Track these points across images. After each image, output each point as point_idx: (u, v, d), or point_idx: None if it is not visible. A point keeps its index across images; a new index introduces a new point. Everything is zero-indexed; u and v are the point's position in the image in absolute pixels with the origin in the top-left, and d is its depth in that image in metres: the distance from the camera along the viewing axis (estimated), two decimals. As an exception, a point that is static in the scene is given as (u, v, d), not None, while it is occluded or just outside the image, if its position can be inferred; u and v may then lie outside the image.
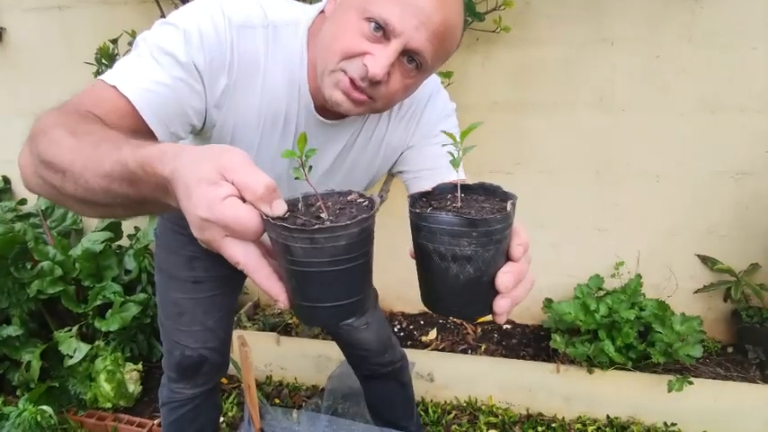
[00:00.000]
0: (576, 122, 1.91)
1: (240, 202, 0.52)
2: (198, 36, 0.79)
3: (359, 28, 0.76)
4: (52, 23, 2.24)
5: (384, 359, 1.47)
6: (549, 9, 1.81)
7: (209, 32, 0.80)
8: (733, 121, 1.81)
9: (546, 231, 2.07)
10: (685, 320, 1.77)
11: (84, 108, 0.73)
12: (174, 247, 1.21)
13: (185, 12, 0.81)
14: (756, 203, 1.87)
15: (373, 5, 0.75)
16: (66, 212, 2.38)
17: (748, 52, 1.73)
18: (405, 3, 0.74)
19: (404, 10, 0.75)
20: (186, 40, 0.78)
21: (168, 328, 1.27)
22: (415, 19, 0.75)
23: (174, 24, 0.79)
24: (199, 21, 0.79)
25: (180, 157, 0.54)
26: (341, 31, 0.78)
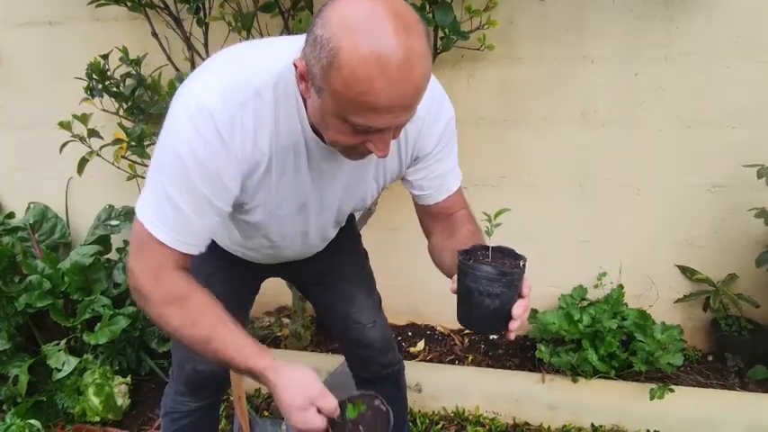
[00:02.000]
0: (559, 137, 1.97)
1: (318, 416, 0.89)
2: (211, 170, 0.87)
3: (346, 129, 0.81)
4: (43, 39, 2.26)
5: (386, 359, 1.50)
6: (531, 28, 1.87)
7: (212, 154, 0.86)
8: (709, 137, 1.88)
9: (531, 243, 2.09)
10: (666, 329, 1.82)
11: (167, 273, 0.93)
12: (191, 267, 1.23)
13: (181, 142, 0.85)
14: (732, 216, 1.93)
15: (350, 117, 0.78)
16: (54, 226, 2.39)
17: (721, 70, 1.80)
18: (377, 108, 0.76)
19: (379, 114, 0.77)
20: (202, 177, 0.87)
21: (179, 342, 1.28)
22: (393, 113, 0.78)
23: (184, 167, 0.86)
24: (197, 146, 0.85)
25: (278, 379, 0.90)
26: (332, 130, 0.83)
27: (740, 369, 1.94)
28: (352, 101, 0.76)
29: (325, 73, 0.76)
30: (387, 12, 0.74)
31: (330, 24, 0.75)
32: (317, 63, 0.76)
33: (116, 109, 2.05)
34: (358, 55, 0.73)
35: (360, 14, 0.74)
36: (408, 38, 0.74)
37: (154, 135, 1.98)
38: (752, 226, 1.88)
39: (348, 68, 0.73)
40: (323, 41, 0.75)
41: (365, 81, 0.73)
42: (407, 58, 0.73)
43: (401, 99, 0.77)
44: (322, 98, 0.80)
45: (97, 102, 2.00)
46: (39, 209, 2.39)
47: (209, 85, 0.87)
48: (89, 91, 1.98)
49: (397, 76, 0.74)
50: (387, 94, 0.75)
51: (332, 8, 0.77)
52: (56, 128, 1.97)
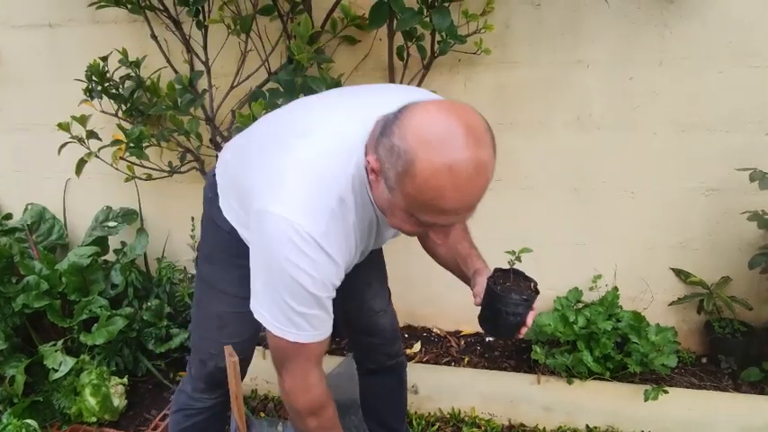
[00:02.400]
0: (554, 141, 1.99)
1: None
2: (328, 280, 0.99)
3: (412, 221, 0.91)
4: (43, 41, 2.27)
5: (393, 349, 1.56)
6: (527, 33, 1.89)
7: (320, 268, 0.96)
8: (702, 140, 1.90)
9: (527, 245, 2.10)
10: (660, 331, 1.84)
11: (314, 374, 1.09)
12: (227, 266, 1.25)
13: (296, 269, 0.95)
14: (726, 219, 1.95)
15: (418, 215, 0.88)
16: (51, 227, 2.39)
17: (714, 75, 1.82)
18: (444, 211, 0.85)
19: (446, 215, 0.86)
20: (318, 287, 0.98)
21: (205, 339, 1.30)
22: (458, 214, 0.87)
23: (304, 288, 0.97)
24: (311, 270, 0.95)
25: None
26: (397, 219, 0.93)
27: (734, 371, 1.96)
28: (422, 204, 0.85)
29: (400, 178, 0.84)
30: (461, 126, 0.81)
31: (407, 136, 0.82)
32: (392, 168, 0.85)
33: (115, 110, 2.06)
34: (432, 167, 0.80)
35: (436, 129, 0.81)
36: (478, 150, 0.81)
37: (152, 137, 1.99)
38: (745, 229, 1.90)
39: (422, 178, 0.81)
40: (399, 151, 0.83)
41: (437, 189, 0.82)
42: (476, 170, 0.81)
43: (468, 203, 0.86)
44: (393, 195, 0.88)
45: (96, 103, 2.02)
46: (36, 210, 2.39)
47: (301, 209, 0.94)
48: (88, 92, 2.00)
49: (466, 185, 0.82)
50: (455, 200, 0.83)
51: (409, 119, 0.84)
52: (54, 129, 1.98)
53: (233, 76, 2.02)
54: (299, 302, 0.98)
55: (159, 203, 2.36)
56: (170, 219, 2.37)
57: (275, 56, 1.98)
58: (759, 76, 1.80)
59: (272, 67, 1.98)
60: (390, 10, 1.64)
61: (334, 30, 1.89)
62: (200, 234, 1.35)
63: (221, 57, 2.02)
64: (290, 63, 1.74)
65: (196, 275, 1.38)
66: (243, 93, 2.02)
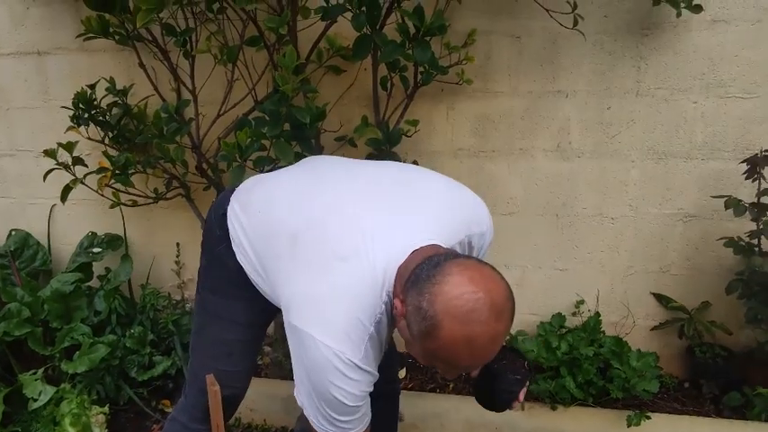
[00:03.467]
0: (535, 168, 2.03)
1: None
2: (359, 393, 1.04)
3: (427, 362, 0.99)
4: (30, 68, 2.29)
5: (391, 373, 1.58)
6: (508, 64, 1.95)
7: (362, 386, 1.04)
8: (679, 168, 1.95)
9: (510, 271, 2.15)
10: (641, 357, 1.86)
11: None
12: (233, 298, 1.27)
13: (341, 392, 1.02)
14: (704, 245, 1.99)
15: (435, 363, 0.98)
16: (35, 253, 2.37)
17: (689, 105, 1.88)
18: (460, 368, 1.01)
19: (462, 370, 1.03)
20: (356, 399, 1.04)
21: (207, 368, 1.28)
22: (473, 368, 1.07)
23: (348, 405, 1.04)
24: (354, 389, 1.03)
25: None
26: (418, 356, 0.99)
27: (715, 396, 1.97)
28: (438, 359, 0.94)
29: (422, 337, 0.92)
30: (486, 302, 0.88)
31: (435, 303, 0.89)
32: (416, 325, 0.92)
33: (101, 137, 2.07)
34: (453, 337, 0.88)
35: (463, 303, 0.88)
36: (498, 324, 0.90)
37: (138, 163, 2.00)
38: (723, 255, 1.94)
39: (442, 343, 0.90)
40: (426, 315, 0.90)
41: (454, 354, 0.91)
42: (492, 341, 0.91)
43: (479, 364, 1.01)
44: (414, 344, 0.96)
45: (83, 130, 2.03)
46: (20, 236, 2.38)
47: (338, 335, 0.99)
48: (75, 120, 2.01)
49: (480, 353, 0.92)
50: (469, 363, 0.96)
51: (441, 286, 0.90)
52: (40, 155, 1.99)
53: (219, 104, 2.04)
54: (340, 414, 1.05)
55: (144, 230, 2.36)
56: (155, 245, 2.37)
57: (262, 84, 2.01)
58: (729, 107, 1.86)
59: (258, 96, 2.01)
60: (374, 42, 1.68)
61: (320, 60, 1.93)
62: (201, 263, 1.34)
63: (208, 85, 2.05)
64: (275, 92, 1.77)
65: (196, 305, 1.37)
66: (229, 120, 2.05)
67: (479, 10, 1.91)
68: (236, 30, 1.93)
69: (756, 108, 1.85)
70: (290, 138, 1.77)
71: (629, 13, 1.84)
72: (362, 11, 1.62)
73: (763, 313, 1.80)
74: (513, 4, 1.87)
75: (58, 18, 2.21)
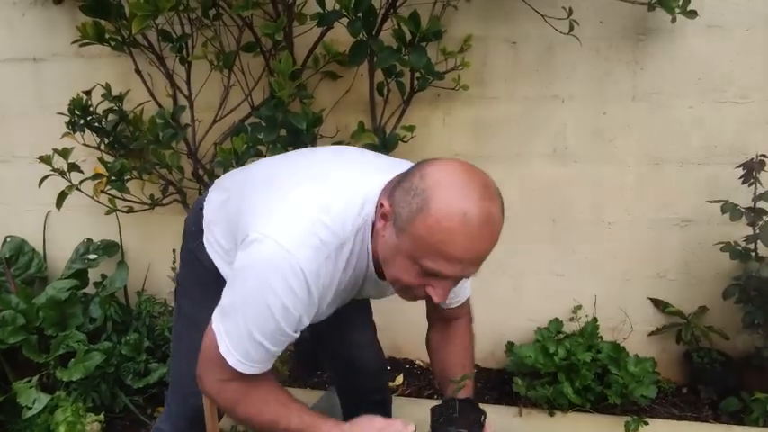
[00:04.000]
0: (532, 173, 2.03)
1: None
2: (298, 318, 0.96)
3: (414, 270, 0.90)
4: (26, 74, 2.29)
5: (380, 382, 1.57)
6: (504, 69, 1.95)
7: (299, 305, 0.94)
8: (675, 173, 1.95)
9: (507, 276, 2.15)
10: (639, 362, 1.85)
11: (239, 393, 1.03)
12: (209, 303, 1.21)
13: (273, 297, 0.92)
14: (701, 250, 1.99)
15: (423, 260, 0.88)
16: (30, 260, 2.36)
17: (684, 110, 1.89)
18: (451, 258, 0.86)
19: (451, 264, 0.87)
20: (288, 323, 0.95)
21: (187, 376, 1.26)
22: (463, 265, 0.88)
23: (272, 317, 0.94)
24: (288, 302, 0.93)
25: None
26: (398, 268, 0.92)
27: (713, 401, 1.97)
28: (430, 246, 0.86)
29: (413, 217, 0.86)
30: (478, 182, 0.88)
31: (428, 179, 0.87)
32: (407, 206, 0.87)
33: (97, 143, 2.07)
34: (447, 209, 0.84)
35: (457, 179, 0.87)
36: (492, 205, 0.86)
37: (134, 170, 2.00)
38: (720, 260, 1.94)
39: (435, 218, 0.84)
40: (418, 190, 0.86)
41: (447, 232, 0.84)
42: (488, 221, 0.85)
43: (473, 254, 0.87)
44: (400, 238, 0.89)
45: (78, 136, 2.02)
46: (15, 243, 2.37)
47: (300, 242, 0.92)
48: (71, 126, 2.00)
49: (476, 234, 0.85)
50: (463, 247, 0.85)
51: (434, 167, 0.89)
52: (35, 161, 1.98)
53: (216, 110, 2.04)
54: (261, 331, 0.95)
55: (140, 236, 2.36)
56: (151, 251, 2.36)
57: (258, 90, 2.01)
58: (725, 111, 1.86)
59: (254, 102, 2.01)
60: (370, 48, 1.69)
61: (316, 65, 1.94)
62: (179, 267, 1.34)
63: (204, 91, 2.05)
64: (272, 98, 1.77)
65: (175, 309, 1.36)
66: (226, 126, 2.05)
67: (475, 16, 1.91)
68: (233, 36, 1.94)
69: (751, 113, 1.85)
70: (287, 143, 1.77)
71: (625, 19, 1.85)
72: (358, 17, 1.63)
73: (760, 318, 1.80)
74: (508, 9, 1.88)
75: (53, 24, 2.21)
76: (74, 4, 2.07)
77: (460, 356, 1.27)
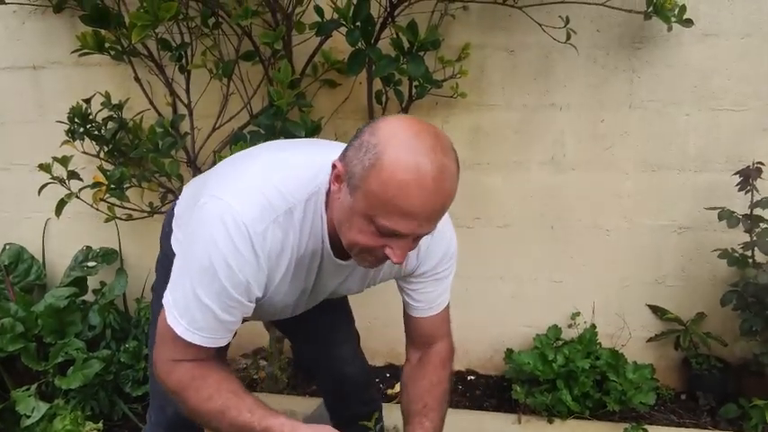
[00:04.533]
0: (530, 180, 2.04)
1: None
2: (243, 281, 0.93)
3: (370, 230, 0.87)
4: (26, 82, 2.29)
5: (367, 395, 1.54)
6: (502, 77, 1.96)
7: (244, 266, 0.92)
8: (673, 180, 1.96)
9: (505, 283, 2.15)
10: (637, 369, 1.86)
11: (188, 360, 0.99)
12: None
13: (216, 251, 0.90)
14: (698, 256, 2.00)
15: (378, 218, 0.85)
16: (29, 267, 2.36)
17: (682, 118, 1.90)
18: (406, 213, 0.83)
19: (407, 220, 0.84)
20: (233, 284, 0.92)
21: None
22: (419, 221, 0.85)
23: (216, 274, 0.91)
24: (231, 259, 0.90)
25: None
26: (355, 230, 0.89)
27: (712, 407, 1.97)
28: (385, 202, 0.83)
29: (366, 173, 0.83)
30: (430, 134, 0.85)
31: (379, 133, 0.85)
32: (359, 163, 0.84)
33: (96, 151, 2.07)
34: (400, 161, 0.81)
35: (407, 131, 0.84)
36: (444, 157, 0.84)
37: (133, 177, 2.00)
38: (717, 266, 1.95)
39: (388, 172, 0.82)
40: (369, 145, 0.84)
41: (401, 185, 0.81)
42: (441, 174, 0.82)
43: (429, 208, 0.84)
44: (354, 197, 0.86)
45: (78, 144, 2.03)
46: (14, 250, 2.37)
47: (246, 199, 0.92)
48: (70, 134, 2.01)
49: (430, 186, 0.82)
50: (418, 201, 0.82)
51: (384, 122, 0.88)
52: (35, 169, 1.99)
53: (215, 118, 2.05)
54: (206, 291, 0.92)
55: (139, 243, 2.36)
56: (150, 259, 2.31)
57: (257, 98, 2.02)
58: (722, 118, 1.88)
59: (253, 109, 2.02)
60: (368, 57, 1.70)
61: (315, 74, 1.95)
62: (155, 275, 1.33)
63: (204, 99, 2.06)
64: (271, 106, 1.78)
65: (150, 319, 1.34)
66: (225, 134, 2.06)
67: (473, 25, 1.93)
68: (232, 44, 1.95)
69: (748, 120, 1.86)
70: (286, 152, 1.78)
71: (621, 28, 1.86)
72: (357, 26, 1.64)
73: (757, 324, 1.81)
74: (506, 18, 1.89)
75: (53, 33, 2.22)
76: (73, 13, 2.08)
77: (427, 391, 1.21)
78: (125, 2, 1.95)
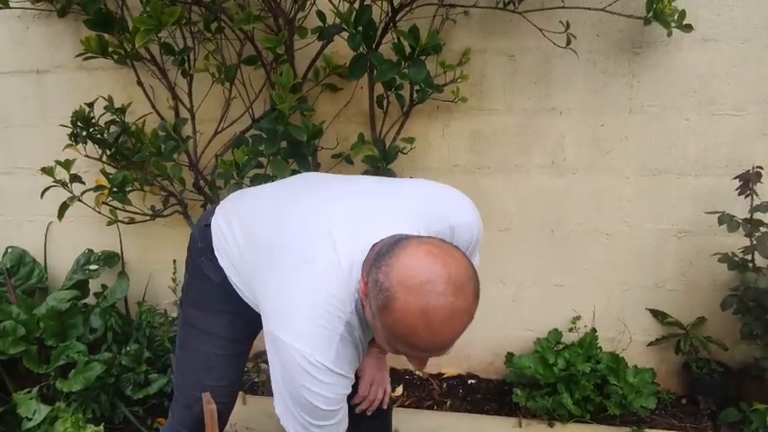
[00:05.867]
0: (530, 184, 2.04)
1: None
2: (341, 395, 1.05)
3: (392, 347, 0.96)
4: (29, 86, 2.31)
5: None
6: (502, 82, 1.97)
7: (334, 388, 1.03)
8: (673, 184, 1.97)
9: (505, 287, 2.15)
10: (638, 373, 1.86)
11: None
12: (215, 312, 1.28)
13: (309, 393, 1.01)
14: (699, 260, 2.00)
15: (394, 344, 0.93)
16: (31, 270, 2.37)
17: (681, 122, 1.91)
18: (417, 348, 0.92)
19: (418, 352, 0.93)
20: (330, 402, 1.03)
21: (191, 383, 1.30)
22: (429, 353, 0.94)
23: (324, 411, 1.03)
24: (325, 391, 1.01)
25: None
26: (380, 339, 0.98)
27: (713, 411, 1.97)
28: (397, 337, 0.91)
29: (380, 312, 0.90)
30: (443, 275, 0.87)
31: (391, 275, 0.89)
32: (374, 300, 0.91)
33: (99, 155, 2.08)
34: (407, 308, 0.87)
35: (418, 274, 0.87)
36: (456, 299, 0.87)
37: (135, 181, 2.01)
38: (717, 270, 1.95)
39: (397, 316, 0.88)
40: (381, 287, 0.89)
41: (410, 328, 0.88)
42: (450, 317, 0.87)
43: (439, 345, 0.91)
44: (375, 320, 0.94)
45: (80, 147, 2.04)
46: (16, 253, 2.37)
47: (308, 338, 1.00)
48: (73, 138, 2.02)
49: (438, 329, 0.87)
50: (427, 341, 0.89)
51: (398, 258, 0.90)
52: (37, 173, 2.00)
53: (217, 122, 2.06)
54: (315, 418, 1.04)
55: (141, 246, 2.37)
56: (151, 262, 2.37)
57: (259, 102, 2.03)
58: (721, 123, 1.88)
59: (255, 114, 2.03)
60: (370, 61, 1.71)
61: (317, 78, 1.96)
62: (185, 278, 1.36)
63: (206, 103, 2.07)
64: (272, 110, 1.79)
65: (180, 319, 1.38)
66: (227, 138, 2.07)
67: (474, 29, 1.94)
68: (234, 48, 1.96)
69: (747, 125, 1.87)
70: (287, 155, 1.79)
71: (621, 33, 1.87)
72: (359, 31, 1.65)
73: (757, 328, 1.81)
74: (506, 23, 1.90)
75: (57, 37, 2.23)
76: (77, 18, 2.10)
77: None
78: (128, 6, 1.96)
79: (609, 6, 1.76)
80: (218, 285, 1.23)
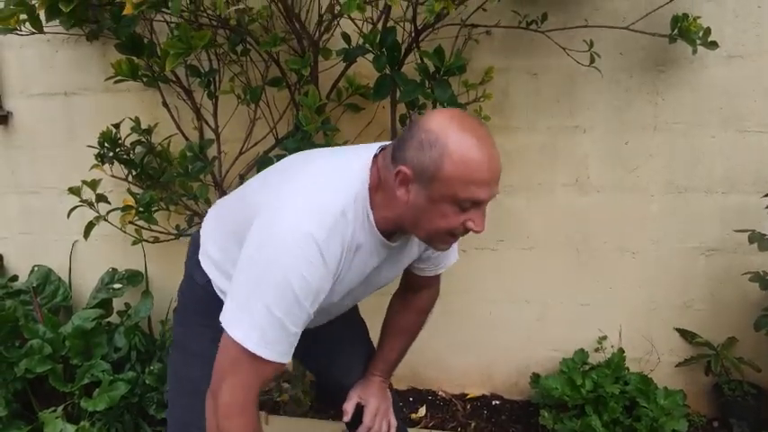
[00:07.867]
0: (554, 202, 2.03)
1: None
2: (315, 289, 1.00)
3: (453, 211, 0.99)
4: (57, 108, 2.36)
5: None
6: (525, 100, 1.97)
7: (315, 273, 0.98)
8: (700, 202, 1.94)
9: (530, 306, 2.13)
10: (668, 395, 1.82)
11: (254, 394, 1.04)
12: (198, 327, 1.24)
13: (290, 265, 0.96)
14: (728, 279, 1.97)
15: (463, 193, 0.97)
16: (56, 289, 2.40)
17: (707, 140, 1.89)
18: (483, 182, 0.97)
19: (484, 187, 0.97)
20: (305, 293, 0.98)
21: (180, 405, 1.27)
22: (491, 184, 0.98)
23: (289, 287, 0.97)
24: (304, 270, 0.97)
25: None
26: (437, 218, 1.00)
27: (746, 435, 1.92)
28: (464, 179, 0.95)
29: (440, 163, 0.95)
30: (467, 117, 1.01)
31: (432, 129, 0.97)
32: (427, 158, 0.96)
33: (125, 175, 2.11)
34: (465, 143, 0.95)
35: (453, 119, 0.98)
36: (485, 129, 1.00)
37: (161, 201, 2.03)
38: (748, 289, 1.91)
39: (459, 154, 0.94)
40: (430, 141, 0.96)
41: (473, 162, 0.95)
42: (493, 143, 0.99)
43: (496, 171, 0.99)
44: (432, 188, 0.97)
45: (106, 167, 2.07)
46: (42, 272, 2.41)
47: (304, 210, 1.00)
48: (100, 158, 2.05)
49: (493, 154, 0.97)
50: (489, 167, 0.96)
51: (427, 120, 0.99)
52: (64, 192, 2.03)
53: (241, 142, 2.08)
54: (279, 305, 0.97)
55: (165, 265, 2.38)
56: (175, 281, 2.32)
57: (282, 122, 2.06)
58: (749, 140, 1.86)
59: (279, 133, 2.05)
60: (393, 81, 1.72)
61: (339, 98, 1.97)
62: (178, 300, 1.34)
63: (231, 124, 2.10)
64: (296, 130, 1.80)
65: (171, 344, 1.36)
66: (251, 157, 2.08)
67: (496, 48, 1.95)
68: (258, 70, 1.99)
69: (775, 142, 1.85)
70: (312, 175, 1.79)
71: (645, 51, 1.87)
72: (383, 52, 1.66)
73: (792, 349, 1.77)
74: (529, 42, 1.91)
75: (84, 60, 2.29)
76: (104, 41, 2.15)
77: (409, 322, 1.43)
78: (155, 30, 2.00)
79: (632, 25, 1.76)
80: (203, 289, 1.20)
